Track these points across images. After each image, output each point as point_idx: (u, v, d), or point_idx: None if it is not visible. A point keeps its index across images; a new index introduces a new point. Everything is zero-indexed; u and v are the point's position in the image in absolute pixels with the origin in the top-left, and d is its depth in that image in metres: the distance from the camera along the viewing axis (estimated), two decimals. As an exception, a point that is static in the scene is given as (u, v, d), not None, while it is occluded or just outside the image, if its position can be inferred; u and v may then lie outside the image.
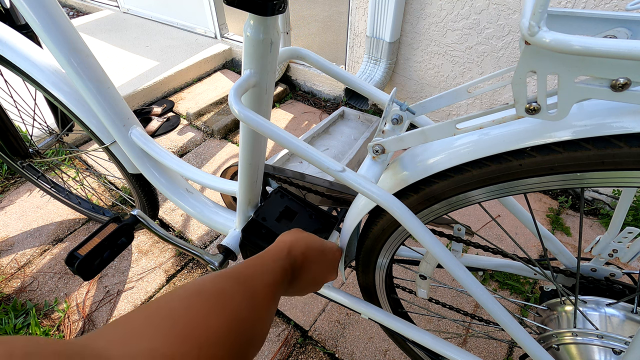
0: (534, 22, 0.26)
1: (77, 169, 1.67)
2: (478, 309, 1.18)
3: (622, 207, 0.57)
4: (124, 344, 0.22)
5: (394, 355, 1.07)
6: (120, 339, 0.23)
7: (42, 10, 0.62)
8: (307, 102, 2.17)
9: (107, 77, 0.74)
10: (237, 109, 0.43)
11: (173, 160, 0.81)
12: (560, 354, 0.60)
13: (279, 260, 0.43)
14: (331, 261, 0.54)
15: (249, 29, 0.46)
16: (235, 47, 2.40)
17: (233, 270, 0.36)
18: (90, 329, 1.13)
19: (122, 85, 2.03)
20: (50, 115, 1.38)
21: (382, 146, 0.45)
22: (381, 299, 0.74)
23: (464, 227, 0.66)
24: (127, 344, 0.22)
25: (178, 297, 0.28)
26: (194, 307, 0.27)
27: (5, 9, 1.00)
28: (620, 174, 0.35)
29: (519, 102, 0.32)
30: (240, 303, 0.31)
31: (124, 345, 0.22)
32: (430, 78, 1.72)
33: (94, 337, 0.22)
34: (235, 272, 0.35)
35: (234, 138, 1.91)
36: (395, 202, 0.42)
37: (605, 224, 1.42)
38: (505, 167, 0.40)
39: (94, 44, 2.46)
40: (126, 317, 0.25)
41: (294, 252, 0.46)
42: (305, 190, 0.78)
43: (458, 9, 1.46)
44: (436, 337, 0.63)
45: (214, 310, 0.28)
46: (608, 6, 1.18)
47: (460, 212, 1.49)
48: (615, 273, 0.61)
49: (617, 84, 0.27)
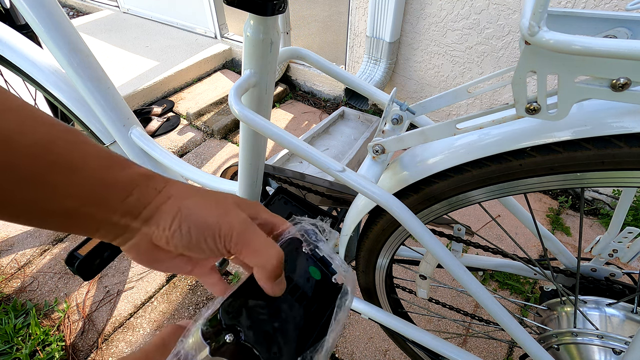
0: (534, 22, 0.26)
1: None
2: (478, 309, 1.18)
3: (622, 207, 0.57)
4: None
5: (394, 355, 1.07)
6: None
7: (42, 10, 0.62)
8: (307, 102, 2.17)
9: (107, 77, 0.74)
10: (237, 109, 0.43)
11: (173, 160, 0.81)
12: (560, 354, 0.60)
13: (135, 176, 0.27)
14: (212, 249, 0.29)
15: (249, 29, 0.46)
16: (235, 47, 2.40)
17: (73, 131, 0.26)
18: (90, 329, 1.13)
19: (122, 85, 2.03)
20: (50, 115, 1.37)
21: (382, 146, 0.45)
22: (381, 299, 0.74)
23: (464, 227, 0.66)
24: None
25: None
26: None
27: (5, 9, 1.00)
28: (620, 174, 0.35)
29: (519, 102, 0.32)
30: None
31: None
32: (430, 78, 1.72)
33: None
34: (74, 133, 0.26)
35: (234, 138, 1.91)
36: (395, 202, 0.42)
37: (605, 224, 1.42)
38: (505, 167, 0.40)
39: (94, 44, 2.46)
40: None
41: (170, 197, 0.28)
42: (305, 190, 0.78)
43: (458, 9, 1.46)
44: (436, 337, 0.63)
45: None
46: (608, 6, 1.18)
47: (460, 212, 1.49)
48: (615, 273, 0.61)
49: (617, 84, 0.27)
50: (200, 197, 0.29)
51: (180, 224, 0.27)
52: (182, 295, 1.22)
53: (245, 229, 0.29)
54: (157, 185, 0.29)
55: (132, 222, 0.27)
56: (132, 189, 0.27)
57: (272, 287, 0.29)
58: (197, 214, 0.28)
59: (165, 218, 0.27)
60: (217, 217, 0.28)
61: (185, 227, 0.27)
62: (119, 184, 0.27)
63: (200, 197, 0.29)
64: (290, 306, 0.30)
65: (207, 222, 0.28)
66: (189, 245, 0.28)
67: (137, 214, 0.27)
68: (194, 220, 0.28)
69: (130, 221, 0.27)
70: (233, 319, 0.26)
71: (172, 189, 0.29)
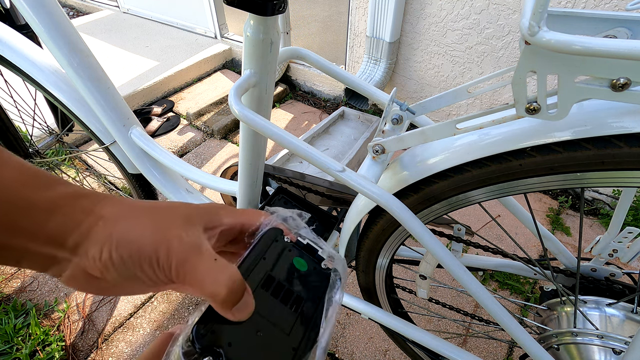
0: (534, 22, 0.26)
1: (77, 169, 1.67)
2: (478, 309, 1.18)
3: (622, 207, 0.57)
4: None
5: (394, 355, 1.07)
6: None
7: (42, 10, 0.62)
8: (307, 102, 2.17)
9: (107, 77, 0.74)
10: (237, 109, 0.43)
11: (173, 160, 0.81)
12: (560, 354, 0.60)
13: (76, 212, 0.24)
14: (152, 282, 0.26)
15: (249, 29, 0.46)
16: (235, 47, 2.40)
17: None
18: (90, 329, 1.13)
19: (122, 85, 2.03)
20: (50, 115, 1.38)
21: (382, 146, 0.45)
22: (381, 299, 0.74)
23: (464, 227, 0.66)
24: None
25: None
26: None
27: (5, 9, 1.00)
28: (620, 174, 0.35)
29: (519, 102, 0.32)
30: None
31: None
32: (430, 78, 1.72)
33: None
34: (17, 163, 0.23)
35: (234, 138, 1.91)
36: (395, 202, 0.42)
37: (605, 224, 1.42)
38: (505, 167, 0.40)
39: (94, 44, 2.46)
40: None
41: (101, 219, 0.24)
42: (305, 190, 0.78)
43: (458, 9, 1.46)
44: (436, 337, 0.63)
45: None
46: (608, 6, 1.18)
47: (460, 212, 1.49)
48: (615, 273, 0.61)
49: (617, 84, 0.27)
50: (138, 217, 0.25)
51: (110, 253, 0.23)
52: (182, 295, 1.22)
53: (188, 253, 0.24)
54: (87, 207, 0.24)
55: (58, 251, 0.23)
56: (54, 212, 0.23)
57: (233, 315, 0.25)
58: (131, 240, 0.23)
59: (94, 246, 0.23)
60: (154, 242, 0.24)
61: (118, 256, 0.23)
62: (37, 207, 0.22)
63: (138, 217, 0.25)
64: (275, 309, 0.27)
65: (142, 249, 0.23)
66: (126, 277, 0.24)
67: (62, 241, 0.23)
68: (128, 248, 0.23)
69: (56, 250, 0.23)
70: (208, 342, 0.24)
71: (106, 210, 0.24)
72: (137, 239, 0.24)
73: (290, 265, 0.30)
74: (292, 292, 0.28)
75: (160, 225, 0.25)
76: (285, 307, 0.27)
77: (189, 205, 0.28)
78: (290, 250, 0.30)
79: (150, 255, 0.24)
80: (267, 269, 0.28)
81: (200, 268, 0.24)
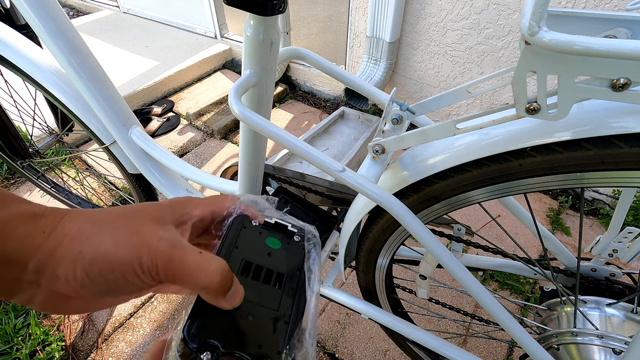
0: (534, 22, 0.26)
1: (77, 169, 1.67)
2: (478, 309, 1.18)
3: (622, 207, 0.57)
4: None
5: (394, 355, 1.07)
6: None
7: (42, 10, 0.62)
8: (307, 102, 2.17)
9: (107, 77, 0.74)
10: (237, 109, 0.43)
11: (173, 160, 0.81)
12: (560, 354, 0.60)
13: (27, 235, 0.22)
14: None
15: (249, 29, 0.46)
16: (235, 47, 2.40)
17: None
18: (90, 329, 1.13)
19: (122, 85, 2.03)
20: (50, 115, 1.37)
21: (382, 146, 0.45)
22: (381, 299, 0.74)
23: (464, 227, 0.66)
24: None
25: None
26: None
27: (5, 9, 1.00)
28: (620, 174, 0.35)
29: (519, 102, 0.32)
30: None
31: None
32: (430, 78, 1.72)
33: None
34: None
35: (234, 138, 1.91)
36: (395, 202, 0.42)
37: (605, 224, 1.42)
38: (505, 167, 0.40)
39: (94, 44, 2.46)
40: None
41: (65, 237, 0.23)
42: (305, 190, 0.78)
43: (458, 9, 1.46)
44: (436, 337, 0.63)
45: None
46: (608, 6, 1.18)
47: (460, 212, 1.49)
48: (615, 273, 0.61)
49: (617, 84, 0.27)
50: (106, 228, 0.24)
51: (86, 271, 0.22)
52: (182, 294, 1.22)
53: (172, 251, 0.24)
54: (47, 226, 0.23)
55: (22, 274, 0.22)
56: (9, 234, 0.21)
57: (227, 303, 0.25)
58: (106, 253, 0.22)
59: (63, 266, 0.22)
60: (133, 248, 0.23)
61: (94, 273, 0.22)
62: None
63: (106, 228, 0.24)
64: (260, 291, 0.28)
65: (121, 258, 0.23)
66: (108, 291, 0.23)
67: (23, 265, 0.21)
68: (103, 261, 0.22)
69: (18, 274, 0.21)
70: (202, 338, 0.24)
71: (69, 227, 0.23)
72: (112, 250, 0.23)
73: (264, 247, 0.30)
74: (272, 271, 0.29)
75: (132, 230, 0.24)
76: (269, 286, 0.28)
77: (155, 205, 0.27)
78: (261, 232, 0.31)
79: (132, 264, 0.23)
80: (242, 255, 0.29)
81: (189, 263, 0.24)
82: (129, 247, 0.23)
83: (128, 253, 0.23)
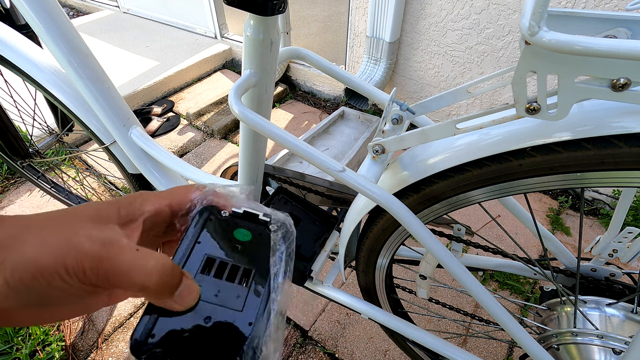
0: (534, 22, 0.26)
1: (77, 169, 1.67)
2: (478, 309, 1.18)
3: (622, 207, 0.57)
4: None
5: (394, 355, 1.07)
6: None
7: (42, 10, 0.62)
8: (307, 102, 2.17)
9: (107, 77, 0.74)
10: (237, 109, 0.43)
11: (173, 160, 0.81)
12: (560, 354, 0.60)
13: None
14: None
15: (249, 29, 0.46)
16: (235, 47, 2.40)
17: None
18: (90, 329, 1.13)
19: (122, 85, 2.03)
20: (50, 115, 1.38)
21: (382, 146, 0.45)
22: (381, 299, 0.74)
23: (464, 227, 0.66)
24: None
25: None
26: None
27: (5, 9, 1.00)
28: (620, 174, 0.35)
29: (519, 102, 0.32)
30: None
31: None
32: (430, 78, 1.72)
33: None
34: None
35: (234, 138, 1.91)
36: (395, 202, 0.42)
37: (605, 224, 1.42)
38: (505, 167, 0.40)
39: (94, 44, 2.46)
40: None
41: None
42: (305, 190, 0.78)
43: (458, 9, 1.46)
44: (436, 337, 0.63)
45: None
46: (608, 6, 1.18)
47: (460, 212, 1.49)
48: (615, 273, 0.61)
49: (617, 84, 0.27)
50: (35, 233, 0.22)
51: (6, 280, 0.20)
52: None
53: (103, 251, 0.21)
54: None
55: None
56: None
57: (177, 303, 0.23)
58: (29, 259, 0.21)
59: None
60: (56, 251, 0.21)
61: (15, 281, 0.20)
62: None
63: (35, 232, 0.22)
64: (222, 290, 0.25)
65: (44, 263, 0.21)
66: (38, 301, 0.21)
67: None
68: (27, 268, 0.20)
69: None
70: (147, 347, 0.22)
71: (1, 235, 0.22)
72: (35, 256, 0.21)
73: (232, 239, 0.27)
74: (238, 267, 0.26)
75: (62, 232, 0.22)
76: (234, 285, 0.25)
77: (97, 204, 0.25)
78: (229, 223, 0.28)
79: (56, 267, 0.21)
80: (204, 251, 0.26)
81: (122, 261, 0.22)
82: (52, 250, 0.21)
83: (52, 257, 0.21)
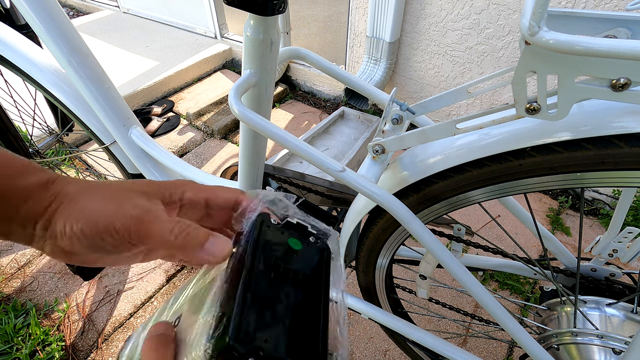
0: (534, 22, 0.26)
1: (77, 169, 1.67)
2: (478, 309, 1.18)
3: (622, 207, 0.57)
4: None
5: (394, 355, 1.07)
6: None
7: (42, 10, 0.62)
8: (307, 102, 2.17)
9: (107, 77, 0.74)
10: (237, 109, 0.43)
11: (173, 160, 0.81)
12: (560, 354, 0.60)
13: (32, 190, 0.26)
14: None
15: (249, 29, 0.46)
16: (235, 47, 2.40)
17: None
18: (90, 329, 1.13)
19: (122, 85, 2.03)
20: (50, 115, 1.38)
21: (382, 146, 0.45)
22: (381, 298, 0.74)
23: (464, 227, 0.66)
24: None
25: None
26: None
27: (5, 9, 1.00)
28: (620, 174, 0.35)
29: (519, 102, 0.32)
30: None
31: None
32: (430, 78, 1.72)
33: None
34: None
35: (234, 138, 1.91)
36: (395, 202, 0.42)
37: (605, 224, 1.42)
38: (505, 167, 0.40)
39: (94, 44, 2.46)
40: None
41: (65, 199, 0.26)
42: (305, 190, 0.78)
43: (458, 9, 1.46)
44: (436, 337, 0.63)
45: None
46: (608, 6, 1.18)
47: (460, 212, 1.49)
48: (615, 273, 0.61)
49: (617, 84, 0.27)
50: (95, 194, 0.27)
51: (72, 228, 0.25)
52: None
53: (142, 216, 0.26)
54: (55, 190, 0.27)
55: (35, 231, 0.26)
56: (27, 198, 0.26)
57: (209, 255, 0.26)
58: (88, 214, 0.26)
59: (59, 224, 0.26)
60: (109, 213, 0.26)
61: (77, 230, 0.25)
62: (13, 193, 0.26)
63: (95, 193, 0.27)
64: (289, 292, 0.26)
65: (98, 220, 0.26)
66: (91, 248, 0.26)
67: (34, 223, 0.26)
68: (85, 221, 0.25)
69: (32, 230, 0.26)
70: (249, 343, 0.22)
71: (70, 190, 0.27)
72: (93, 212, 0.26)
73: (288, 248, 0.29)
74: (299, 273, 0.28)
75: (117, 197, 0.27)
76: (297, 290, 0.27)
77: (149, 182, 0.29)
78: (283, 233, 0.30)
79: (107, 226, 0.26)
80: (269, 256, 0.28)
81: (157, 223, 0.26)
82: (106, 212, 0.26)
83: (105, 216, 0.26)
